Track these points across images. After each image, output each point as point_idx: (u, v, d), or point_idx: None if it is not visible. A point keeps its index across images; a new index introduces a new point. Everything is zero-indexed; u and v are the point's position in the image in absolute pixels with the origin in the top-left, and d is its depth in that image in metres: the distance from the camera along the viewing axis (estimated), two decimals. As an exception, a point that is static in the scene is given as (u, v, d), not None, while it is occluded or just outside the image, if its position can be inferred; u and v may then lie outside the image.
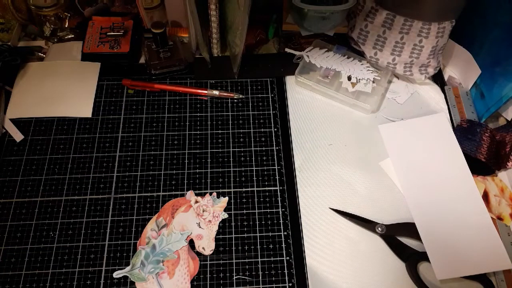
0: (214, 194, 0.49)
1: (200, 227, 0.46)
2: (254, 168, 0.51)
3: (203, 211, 0.47)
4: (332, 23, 0.58)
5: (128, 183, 0.49)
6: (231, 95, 0.56)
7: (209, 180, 0.50)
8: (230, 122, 0.54)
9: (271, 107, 0.56)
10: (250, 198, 0.49)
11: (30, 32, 0.61)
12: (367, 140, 0.53)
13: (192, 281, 0.44)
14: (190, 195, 0.48)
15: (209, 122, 0.54)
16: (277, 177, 0.50)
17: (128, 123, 0.54)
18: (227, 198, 0.48)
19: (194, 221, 0.47)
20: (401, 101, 0.57)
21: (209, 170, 0.50)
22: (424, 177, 0.50)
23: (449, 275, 0.44)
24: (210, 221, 0.47)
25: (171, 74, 0.58)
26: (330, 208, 0.48)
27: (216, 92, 0.56)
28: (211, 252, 0.45)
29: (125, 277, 0.43)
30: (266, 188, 0.49)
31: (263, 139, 0.53)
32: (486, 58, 0.54)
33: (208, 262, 0.45)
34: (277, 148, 0.52)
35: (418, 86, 0.58)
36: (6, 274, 0.44)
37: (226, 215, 0.47)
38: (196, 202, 0.48)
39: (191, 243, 0.46)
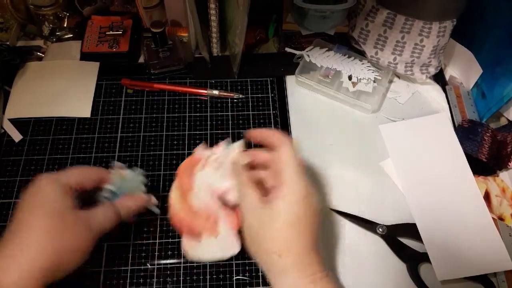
0: (227, 139, 0.44)
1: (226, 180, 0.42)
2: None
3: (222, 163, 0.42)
4: (332, 22, 0.58)
5: (127, 183, 0.49)
6: (231, 95, 0.56)
7: (208, 181, 0.49)
8: (230, 122, 0.54)
9: (271, 107, 0.55)
10: (250, 198, 0.48)
11: (29, 32, 0.61)
12: (368, 140, 0.53)
13: (191, 282, 0.43)
14: (202, 149, 0.43)
15: (208, 122, 0.54)
16: (277, 178, 0.50)
17: (128, 123, 0.53)
18: (241, 141, 0.42)
19: (218, 175, 0.42)
20: (402, 101, 0.57)
21: (208, 171, 0.50)
22: (425, 177, 0.50)
23: (450, 276, 0.43)
24: None
25: (170, 74, 0.57)
26: (331, 209, 0.48)
27: (215, 92, 0.55)
28: None
29: (124, 277, 0.43)
30: (266, 189, 0.49)
31: (263, 139, 0.53)
32: (487, 58, 0.54)
33: (208, 263, 0.44)
34: (277, 148, 0.52)
35: (419, 85, 0.58)
36: (5, 275, 0.43)
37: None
38: (211, 156, 0.43)
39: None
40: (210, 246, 0.41)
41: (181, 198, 0.42)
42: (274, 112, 0.55)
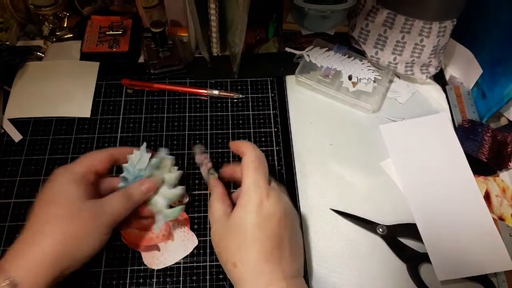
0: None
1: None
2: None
3: None
4: (332, 22, 0.58)
5: (127, 183, 0.49)
6: (231, 94, 0.56)
7: (208, 181, 0.49)
8: (230, 122, 0.54)
9: (271, 107, 0.55)
10: (250, 198, 0.48)
11: (29, 32, 0.61)
12: (368, 140, 0.53)
13: (191, 282, 0.43)
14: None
15: (208, 122, 0.54)
16: (277, 178, 0.50)
17: (127, 123, 0.53)
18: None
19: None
20: (402, 101, 0.57)
21: (208, 171, 0.50)
22: (425, 178, 0.50)
23: (450, 276, 0.43)
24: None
25: (170, 74, 0.57)
26: (331, 209, 0.48)
27: (215, 92, 0.55)
28: (187, 199, 0.46)
29: (124, 277, 0.43)
30: (266, 189, 0.49)
31: (263, 139, 0.53)
32: (488, 58, 0.54)
33: (208, 263, 0.44)
34: (277, 148, 0.52)
35: (419, 85, 0.58)
36: (5, 275, 0.43)
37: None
38: None
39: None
40: (170, 251, 0.45)
41: (129, 219, 0.45)
42: (274, 112, 0.55)
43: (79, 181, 0.38)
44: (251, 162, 0.39)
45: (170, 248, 0.45)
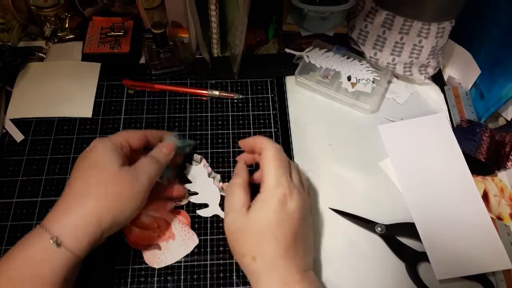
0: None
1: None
2: (254, 169, 0.51)
3: None
4: (332, 24, 0.58)
5: (128, 183, 0.49)
6: (231, 95, 0.56)
7: (209, 180, 0.50)
8: (230, 122, 0.54)
9: (271, 107, 0.56)
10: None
11: (31, 33, 0.61)
12: (367, 140, 0.53)
13: (192, 281, 0.44)
14: None
15: (209, 122, 0.54)
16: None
17: (129, 123, 0.54)
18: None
19: None
20: (401, 101, 0.57)
21: (209, 170, 0.51)
22: (424, 177, 0.50)
23: (449, 275, 0.44)
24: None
25: (171, 74, 0.58)
26: (330, 208, 0.48)
27: (216, 92, 0.56)
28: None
29: (125, 276, 0.44)
30: (266, 188, 0.49)
31: (263, 139, 0.53)
32: (486, 58, 0.54)
33: (209, 262, 0.45)
34: (277, 148, 0.52)
35: (418, 86, 0.58)
36: (7, 274, 0.44)
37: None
38: None
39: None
40: (171, 250, 0.45)
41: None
42: (274, 112, 0.55)
43: (117, 150, 0.40)
44: (272, 159, 0.40)
45: (171, 247, 0.45)
